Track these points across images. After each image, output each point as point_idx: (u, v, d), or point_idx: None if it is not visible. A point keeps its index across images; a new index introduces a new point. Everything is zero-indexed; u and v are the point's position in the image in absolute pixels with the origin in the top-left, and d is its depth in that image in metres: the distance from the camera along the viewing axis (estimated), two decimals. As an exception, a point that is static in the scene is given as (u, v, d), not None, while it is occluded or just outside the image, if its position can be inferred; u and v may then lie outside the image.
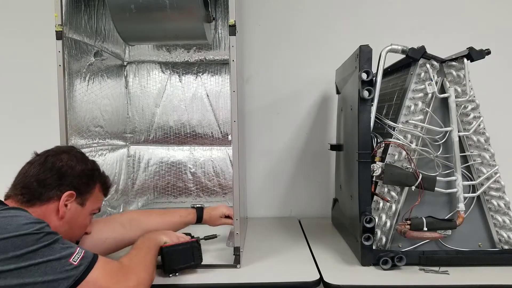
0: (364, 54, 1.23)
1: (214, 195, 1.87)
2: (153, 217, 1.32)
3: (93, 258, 0.85)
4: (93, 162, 1.07)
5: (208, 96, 1.85)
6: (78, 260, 0.81)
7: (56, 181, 0.94)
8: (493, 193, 1.26)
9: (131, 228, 1.23)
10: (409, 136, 1.24)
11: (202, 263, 1.21)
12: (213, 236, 1.35)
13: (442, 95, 1.25)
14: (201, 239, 1.27)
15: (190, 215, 1.38)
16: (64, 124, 1.25)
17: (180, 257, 1.15)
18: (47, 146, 1.06)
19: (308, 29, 1.89)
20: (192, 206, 1.42)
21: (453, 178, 1.25)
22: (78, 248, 0.83)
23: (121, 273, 0.89)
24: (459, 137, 1.25)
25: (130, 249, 1.06)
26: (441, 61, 1.26)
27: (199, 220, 1.39)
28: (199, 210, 1.41)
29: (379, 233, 1.25)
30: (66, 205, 0.96)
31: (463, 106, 1.25)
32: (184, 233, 1.25)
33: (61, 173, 0.95)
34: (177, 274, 1.15)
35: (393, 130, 1.25)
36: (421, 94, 1.24)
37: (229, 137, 1.82)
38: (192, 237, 1.23)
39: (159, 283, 1.10)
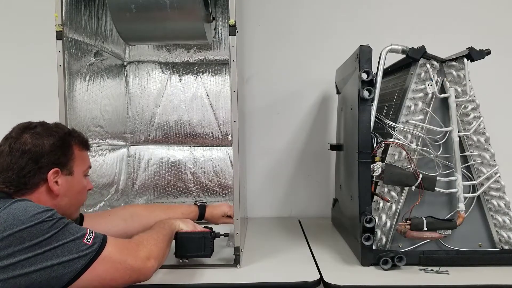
0: (364, 54, 1.23)
1: (214, 195, 1.87)
2: (156, 212, 1.32)
3: (104, 237, 0.89)
4: (58, 127, 1.00)
5: (208, 96, 1.85)
6: (92, 239, 0.85)
7: (33, 166, 0.91)
8: (493, 193, 1.26)
9: (133, 223, 1.24)
10: (409, 136, 1.24)
11: (202, 263, 1.21)
12: (226, 235, 1.35)
13: (442, 95, 1.25)
14: (221, 235, 1.30)
15: (192, 213, 1.39)
16: (64, 124, 1.24)
17: (192, 245, 1.18)
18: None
19: (308, 29, 1.89)
20: (194, 202, 1.42)
21: (453, 178, 1.25)
22: (89, 230, 0.87)
23: (132, 246, 0.94)
24: (459, 137, 1.25)
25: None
26: (441, 61, 1.26)
27: (201, 217, 1.40)
28: (202, 208, 1.42)
29: (379, 233, 1.25)
30: (56, 182, 0.94)
31: (463, 106, 1.25)
32: (206, 227, 1.27)
33: (34, 157, 0.91)
34: (187, 260, 1.20)
35: (393, 130, 1.25)
36: (421, 94, 1.24)
37: (229, 137, 1.82)
38: (211, 229, 1.26)
39: (158, 283, 1.10)
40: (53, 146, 0.94)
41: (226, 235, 1.34)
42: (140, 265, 0.92)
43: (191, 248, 1.19)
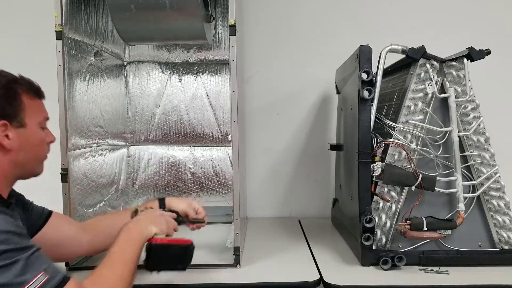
0: (364, 54, 1.23)
1: (214, 195, 1.87)
2: (105, 221, 1.18)
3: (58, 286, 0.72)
4: (0, 74, 0.88)
5: (208, 96, 1.85)
6: (44, 278, 0.69)
7: None
8: (493, 193, 1.26)
9: (87, 234, 1.11)
10: (409, 136, 1.24)
11: (202, 263, 1.21)
12: (201, 221, 1.21)
13: (442, 95, 1.25)
14: (189, 221, 1.18)
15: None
16: (64, 124, 1.25)
17: (168, 259, 1.00)
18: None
19: (308, 29, 1.89)
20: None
21: (453, 178, 1.25)
22: (39, 275, 0.70)
23: None
24: (459, 137, 1.25)
25: (109, 250, 0.90)
26: (441, 61, 1.26)
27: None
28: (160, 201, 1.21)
29: (379, 233, 1.25)
30: (7, 136, 0.84)
31: (463, 106, 1.25)
32: (170, 210, 1.12)
33: None
34: (159, 272, 1.02)
35: (393, 130, 1.25)
36: (421, 94, 1.24)
37: (229, 137, 1.82)
38: (179, 218, 1.12)
39: (159, 283, 1.10)
40: None
41: (201, 221, 1.19)
42: None
43: (168, 262, 1.00)
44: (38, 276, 0.70)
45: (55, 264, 0.76)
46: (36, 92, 0.92)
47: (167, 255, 0.98)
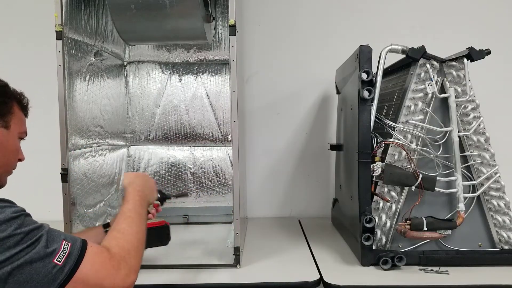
0: (364, 54, 1.23)
1: (214, 195, 1.87)
2: (94, 231, 1.18)
3: (80, 253, 0.76)
4: None
5: (208, 96, 1.85)
6: (64, 259, 0.73)
7: None
8: (493, 193, 1.26)
9: None
10: (409, 136, 1.24)
11: (202, 263, 1.21)
12: (184, 194, 1.37)
13: (442, 95, 1.25)
14: (173, 196, 1.30)
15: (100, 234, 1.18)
16: (64, 124, 1.25)
17: (152, 239, 1.12)
18: (47, 145, 1.06)
19: (308, 29, 1.89)
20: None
21: (453, 178, 1.25)
22: (64, 243, 0.75)
23: (111, 264, 0.80)
24: (459, 137, 1.25)
25: (121, 209, 0.95)
26: (441, 61, 1.26)
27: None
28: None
29: (379, 233, 1.25)
30: None
31: (463, 106, 1.25)
32: (160, 191, 1.21)
33: None
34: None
35: (393, 130, 1.25)
36: (421, 94, 1.24)
37: (229, 137, 1.82)
38: (164, 195, 1.23)
39: (157, 283, 1.10)
40: None
41: (184, 194, 1.38)
42: (119, 286, 0.80)
43: (151, 241, 1.15)
44: (63, 244, 0.75)
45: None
46: (24, 108, 0.96)
47: (150, 235, 1.05)
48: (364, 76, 1.22)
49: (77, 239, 0.78)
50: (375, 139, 1.26)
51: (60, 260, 0.73)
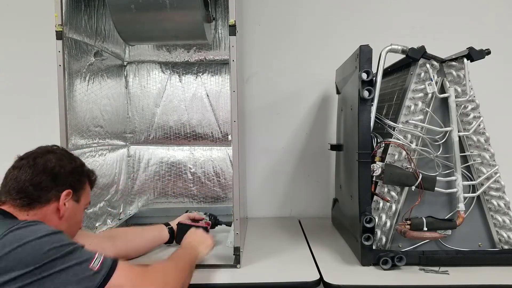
0: (364, 54, 1.23)
1: (214, 195, 1.87)
2: (128, 236, 1.34)
3: (114, 261, 0.84)
4: (78, 158, 1.07)
5: (208, 96, 1.85)
6: (99, 264, 0.81)
7: (51, 182, 0.94)
8: (493, 193, 1.26)
9: (117, 244, 1.25)
10: (409, 136, 1.24)
11: (202, 263, 1.21)
12: (229, 224, 1.52)
13: (442, 95, 1.25)
14: (223, 223, 1.54)
15: (163, 235, 1.39)
16: (64, 124, 1.25)
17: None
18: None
19: (308, 29, 1.89)
20: (165, 223, 1.43)
21: (453, 178, 1.25)
22: (97, 254, 0.83)
23: (147, 275, 0.88)
24: (459, 137, 1.25)
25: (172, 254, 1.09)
26: (441, 61, 1.26)
27: (171, 240, 1.39)
28: (171, 231, 1.40)
29: (379, 233, 1.25)
30: (64, 204, 0.96)
31: (463, 106, 1.25)
32: (210, 214, 1.52)
33: (55, 174, 0.95)
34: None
35: (393, 130, 1.25)
36: (421, 94, 1.24)
37: (229, 137, 1.82)
38: (217, 220, 1.53)
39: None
40: (74, 170, 1.00)
41: (228, 224, 1.51)
42: None
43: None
44: (96, 254, 0.83)
45: None
46: (93, 182, 1.09)
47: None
48: (364, 76, 1.22)
49: (106, 256, 0.85)
50: (375, 139, 1.26)
51: (96, 265, 0.81)
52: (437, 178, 1.24)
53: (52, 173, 0.95)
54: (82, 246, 0.84)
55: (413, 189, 1.23)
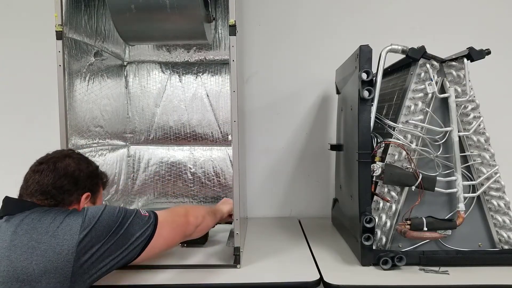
0: (364, 54, 1.23)
1: (214, 195, 1.87)
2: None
3: (150, 210, 1.06)
4: (92, 161, 1.14)
5: (208, 96, 1.85)
6: (146, 212, 1.03)
7: (73, 186, 1.02)
8: (493, 193, 1.26)
9: None
10: (409, 136, 1.24)
11: (202, 263, 1.21)
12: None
13: (442, 95, 1.25)
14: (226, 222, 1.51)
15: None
16: (64, 124, 1.25)
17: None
18: (47, 145, 1.06)
19: (308, 29, 1.89)
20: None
21: (453, 178, 1.25)
22: (140, 209, 1.05)
23: (175, 209, 1.15)
24: (459, 137, 1.25)
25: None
26: (441, 61, 1.26)
27: None
28: None
29: (379, 233, 1.25)
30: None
31: (463, 106, 1.25)
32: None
33: (75, 178, 1.02)
34: (185, 245, 1.40)
35: (393, 130, 1.25)
36: (421, 94, 1.24)
37: (229, 137, 1.82)
38: None
39: (156, 283, 1.10)
40: (91, 174, 1.09)
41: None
42: (185, 221, 1.13)
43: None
44: (140, 209, 1.04)
45: None
46: (105, 184, 1.19)
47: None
48: (364, 76, 1.21)
49: (149, 211, 1.06)
50: (375, 139, 1.26)
51: (145, 213, 1.03)
52: (437, 178, 1.24)
53: (73, 177, 1.02)
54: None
55: (413, 189, 1.23)
